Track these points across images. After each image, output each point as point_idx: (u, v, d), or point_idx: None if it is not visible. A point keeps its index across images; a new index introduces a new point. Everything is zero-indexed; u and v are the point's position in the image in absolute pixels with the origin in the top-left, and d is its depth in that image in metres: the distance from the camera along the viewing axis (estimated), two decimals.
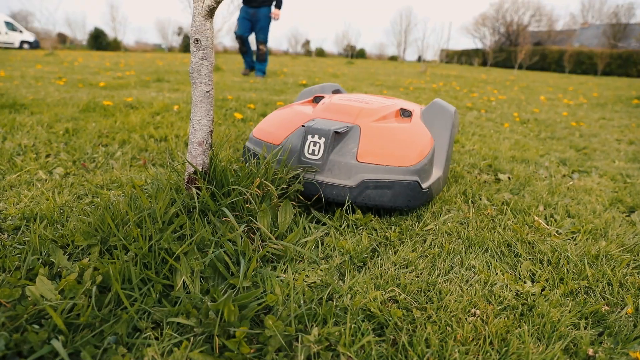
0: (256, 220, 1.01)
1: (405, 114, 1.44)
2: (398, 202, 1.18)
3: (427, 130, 1.37)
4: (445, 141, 1.41)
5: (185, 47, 29.28)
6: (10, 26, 18.73)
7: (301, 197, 1.20)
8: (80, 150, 1.73)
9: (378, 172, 1.16)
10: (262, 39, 5.90)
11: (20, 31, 19.10)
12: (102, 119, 2.33)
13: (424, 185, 1.21)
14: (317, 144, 1.16)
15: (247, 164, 1.15)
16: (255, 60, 6.18)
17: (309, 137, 1.17)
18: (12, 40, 18.60)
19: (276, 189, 1.10)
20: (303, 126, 1.20)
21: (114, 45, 24.83)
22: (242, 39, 5.87)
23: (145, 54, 17.24)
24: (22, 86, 3.68)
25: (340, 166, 1.16)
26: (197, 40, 0.99)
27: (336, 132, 1.17)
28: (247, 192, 1.04)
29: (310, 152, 1.17)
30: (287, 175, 1.15)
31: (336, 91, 1.85)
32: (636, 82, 12.49)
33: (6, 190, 1.26)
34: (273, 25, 8.51)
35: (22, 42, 18.89)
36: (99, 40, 25.03)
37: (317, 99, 1.60)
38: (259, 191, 1.07)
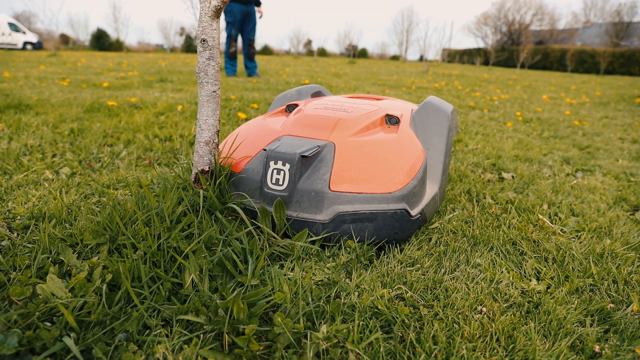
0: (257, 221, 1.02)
1: (392, 120, 1.24)
2: (382, 235, 1.00)
3: (417, 140, 1.18)
4: (441, 149, 1.21)
5: (187, 48, 29.34)
6: (13, 27, 18.81)
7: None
8: (85, 150, 1.74)
9: (356, 202, 0.98)
10: (254, 37, 5.77)
11: (24, 32, 19.18)
12: (106, 119, 2.34)
13: (414, 212, 1.02)
14: (282, 172, 0.98)
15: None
16: (247, 59, 5.92)
17: (271, 163, 0.99)
18: (15, 41, 18.68)
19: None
20: (264, 150, 1.02)
21: (117, 46, 24.90)
22: (236, 40, 5.66)
23: (147, 55, 17.28)
24: (26, 87, 3.70)
25: (310, 197, 0.98)
26: (204, 41, 1.00)
27: (303, 156, 0.99)
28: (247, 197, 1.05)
29: (273, 181, 0.99)
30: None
31: (317, 94, 1.62)
32: (639, 81, 12.45)
33: (14, 190, 1.27)
34: (274, 24, 8.49)
35: (25, 43, 18.97)
36: (101, 41, 25.11)
37: (290, 108, 1.38)
38: None
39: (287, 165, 0.97)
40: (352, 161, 1.03)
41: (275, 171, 0.99)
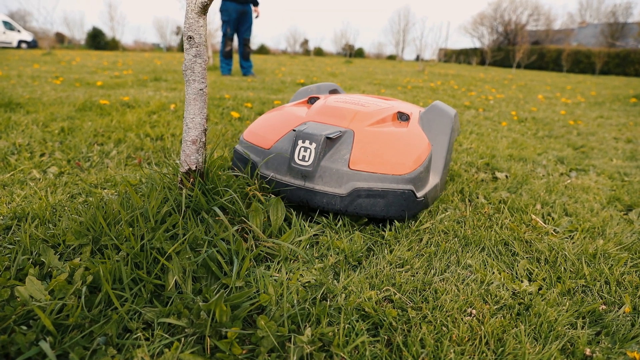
0: (248, 220, 1.00)
1: (403, 117, 1.39)
2: (391, 211, 1.13)
3: (425, 135, 1.32)
4: (443, 147, 1.35)
5: (183, 46, 29.19)
6: (8, 25, 18.65)
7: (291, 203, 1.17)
8: (75, 149, 1.71)
9: (371, 180, 1.12)
10: (249, 36, 5.80)
11: (18, 30, 19.03)
12: (98, 118, 2.32)
13: (419, 194, 1.17)
14: (308, 150, 1.12)
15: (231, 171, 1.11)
16: (242, 59, 5.93)
17: (300, 142, 1.13)
18: (9, 40, 18.53)
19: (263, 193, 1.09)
20: (294, 130, 1.16)
21: (112, 45, 24.74)
22: (232, 39, 5.67)
23: (143, 54, 17.20)
24: (18, 85, 3.67)
25: (332, 173, 1.12)
26: (191, 38, 0.98)
27: (328, 138, 1.13)
28: (236, 194, 1.03)
29: (300, 157, 1.12)
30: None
31: (333, 91, 1.80)
32: (634, 81, 12.50)
33: None
34: (270, 23, 8.48)
35: (20, 42, 18.82)
36: (97, 40, 24.94)
37: (312, 100, 1.56)
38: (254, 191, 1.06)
39: (314, 145, 1.11)
40: (369, 146, 1.17)
41: (302, 149, 1.12)
